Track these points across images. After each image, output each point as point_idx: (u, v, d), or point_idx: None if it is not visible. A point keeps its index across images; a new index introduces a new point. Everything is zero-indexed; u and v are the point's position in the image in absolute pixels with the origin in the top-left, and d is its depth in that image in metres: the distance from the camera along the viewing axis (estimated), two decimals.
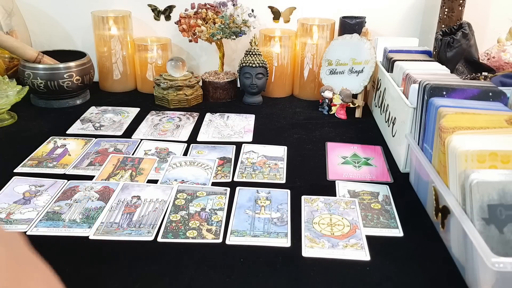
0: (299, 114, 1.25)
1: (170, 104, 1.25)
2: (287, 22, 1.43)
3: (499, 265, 0.53)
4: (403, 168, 0.95)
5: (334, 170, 0.95)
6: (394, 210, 0.81)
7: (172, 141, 1.06)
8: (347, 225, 0.77)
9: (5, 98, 1.08)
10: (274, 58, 1.34)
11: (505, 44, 1.19)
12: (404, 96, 0.96)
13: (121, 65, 1.37)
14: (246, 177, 0.91)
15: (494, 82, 1.04)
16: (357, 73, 1.22)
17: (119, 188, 0.86)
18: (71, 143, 1.03)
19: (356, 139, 1.09)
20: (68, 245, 0.71)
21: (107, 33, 1.33)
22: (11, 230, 0.73)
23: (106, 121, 1.16)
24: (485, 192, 0.60)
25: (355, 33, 1.25)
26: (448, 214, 0.69)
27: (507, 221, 0.58)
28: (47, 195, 0.83)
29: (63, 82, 1.20)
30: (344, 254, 0.70)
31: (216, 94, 1.32)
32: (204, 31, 1.27)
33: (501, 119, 0.72)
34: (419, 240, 0.74)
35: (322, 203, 0.83)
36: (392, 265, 0.68)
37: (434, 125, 0.76)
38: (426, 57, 1.15)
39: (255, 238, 0.73)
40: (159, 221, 0.76)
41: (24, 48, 1.20)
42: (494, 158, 0.63)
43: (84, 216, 0.77)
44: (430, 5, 1.38)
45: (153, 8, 1.42)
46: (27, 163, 0.94)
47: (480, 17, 1.37)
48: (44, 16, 1.42)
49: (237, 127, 1.14)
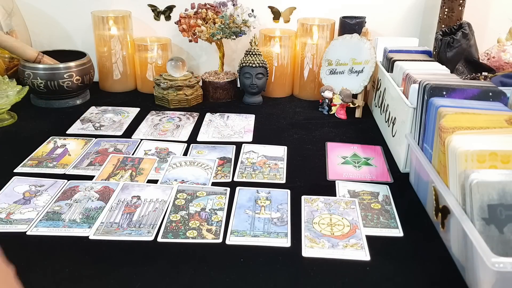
0: (299, 114, 1.25)
1: (170, 104, 1.25)
2: (287, 22, 1.43)
3: (499, 265, 0.53)
4: (403, 168, 0.95)
5: (334, 170, 0.95)
6: (394, 210, 0.81)
7: (172, 141, 1.06)
8: (347, 225, 0.77)
9: (5, 98, 1.08)
10: (274, 58, 1.34)
11: (505, 44, 1.19)
12: (404, 96, 0.96)
13: (121, 65, 1.37)
14: (246, 177, 0.91)
15: (494, 82, 1.04)
16: (357, 73, 1.22)
17: (119, 188, 0.86)
18: (71, 143, 1.03)
19: (356, 139, 1.09)
20: (68, 245, 0.71)
21: (107, 33, 1.33)
22: (11, 230, 0.73)
23: (106, 121, 1.16)
24: (485, 192, 0.60)
25: (355, 33, 1.25)
26: (448, 214, 0.69)
27: (507, 221, 0.58)
28: (47, 195, 0.83)
29: (63, 82, 1.20)
30: (344, 254, 0.70)
31: (216, 94, 1.32)
32: (204, 31, 1.27)
33: (501, 119, 0.72)
34: (419, 240, 0.74)
35: (322, 203, 0.83)
36: (392, 265, 0.68)
37: (434, 125, 0.76)
38: (426, 57, 1.15)
39: (255, 238, 0.73)
40: (159, 221, 0.76)
41: (24, 48, 1.20)
42: (494, 158, 0.63)
43: (84, 216, 0.77)
44: (430, 5, 1.38)
45: (153, 8, 1.42)
46: (27, 163, 0.94)
47: (480, 17, 1.37)
48: (44, 16, 1.42)
49: (237, 127, 1.14)
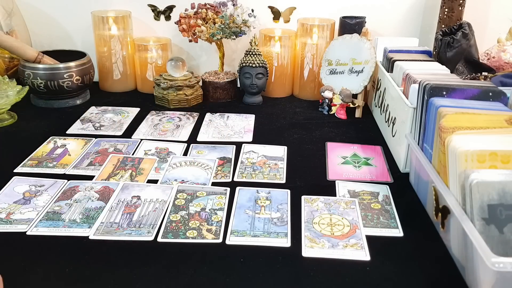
0: (299, 114, 1.25)
1: (170, 104, 1.25)
2: (287, 22, 1.43)
3: (499, 265, 0.53)
4: (403, 168, 0.95)
5: (334, 170, 0.95)
6: (394, 210, 0.81)
7: (172, 141, 1.06)
8: (347, 225, 0.77)
9: (5, 98, 1.08)
10: (274, 58, 1.34)
11: (505, 44, 1.19)
12: (404, 96, 0.96)
13: (121, 65, 1.37)
14: (246, 177, 0.91)
15: (494, 82, 1.04)
16: (357, 73, 1.22)
17: (119, 188, 0.86)
18: (71, 143, 1.03)
19: (356, 139, 1.09)
20: (68, 245, 0.71)
21: (107, 33, 1.33)
22: (11, 230, 0.73)
23: (106, 121, 1.16)
24: (485, 192, 0.60)
25: (355, 33, 1.25)
26: (448, 214, 0.69)
27: (507, 221, 0.58)
28: (47, 195, 0.83)
29: (63, 82, 1.20)
30: (344, 254, 0.70)
31: (216, 94, 1.32)
32: (204, 31, 1.27)
33: (501, 119, 0.72)
34: (419, 240, 0.74)
35: (322, 203, 0.83)
36: (392, 265, 0.68)
37: (434, 125, 0.76)
38: (426, 57, 1.15)
39: (255, 238, 0.73)
40: (159, 221, 0.76)
41: (24, 48, 1.20)
42: (494, 158, 0.63)
43: (84, 216, 0.77)
44: (430, 5, 1.38)
45: (153, 8, 1.42)
46: (27, 163, 0.94)
47: (480, 17, 1.37)
48: (44, 16, 1.42)
49: (237, 127, 1.14)
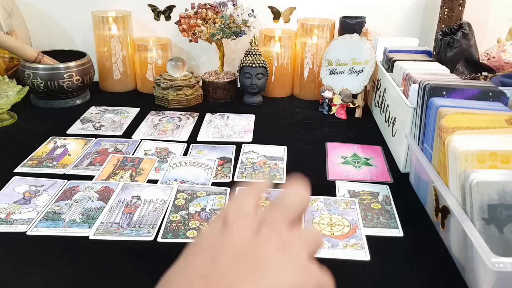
0: (299, 114, 1.25)
1: (170, 104, 1.25)
2: (287, 22, 1.43)
3: (499, 265, 0.53)
4: (403, 168, 0.95)
5: (334, 170, 0.95)
6: (394, 210, 0.81)
7: (172, 141, 1.06)
8: (347, 225, 0.77)
9: (5, 98, 1.08)
10: (274, 58, 1.34)
11: (505, 44, 1.19)
12: (404, 96, 0.96)
13: (121, 65, 1.37)
14: (246, 177, 0.91)
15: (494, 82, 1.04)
16: (357, 73, 1.22)
17: (119, 188, 0.86)
18: (71, 143, 1.03)
19: (356, 139, 1.09)
20: (68, 245, 0.71)
21: (107, 33, 1.33)
22: (11, 230, 0.73)
23: (106, 121, 1.16)
24: (485, 192, 0.60)
25: (355, 33, 1.25)
26: (448, 214, 0.69)
27: (507, 221, 0.58)
28: (47, 195, 0.83)
29: (63, 82, 1.20)
30: (344, 254, 0.70)
31: (216, 94, 1.32)
32: (204, 31, 1.27)
33: (501, 119, 0.72)
34: (419, 240, 0.74)
35: (322, 203, 0.83)
36: (392, 265, 0.68)
37: (434, 125, 0.76)
38: (426, 57, 1.15)
39: None
40: (159, 221, 0.76)
41: (24, 48, 1.20)
42: (494, 158, 0.63)
43: (84, 216, 0.77)
44: (430, 5, 1.38)
45: (153, 8, 1.42)
46: (27, 163, 0.94)
47: (480, 17, 1.37)
48: (44, 16, 1.42)
49: (237, 127, 1.14)
